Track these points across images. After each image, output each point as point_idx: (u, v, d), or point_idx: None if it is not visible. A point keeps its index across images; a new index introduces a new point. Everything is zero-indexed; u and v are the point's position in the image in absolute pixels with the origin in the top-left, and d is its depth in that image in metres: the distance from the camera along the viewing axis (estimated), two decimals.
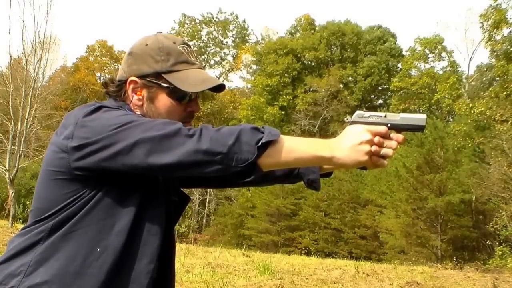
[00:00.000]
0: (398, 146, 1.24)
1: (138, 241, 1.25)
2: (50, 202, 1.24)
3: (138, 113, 1.35)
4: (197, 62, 1.38)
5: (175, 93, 1.33)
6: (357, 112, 1.28)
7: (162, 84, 1.32)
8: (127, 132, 1.16)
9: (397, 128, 1.25)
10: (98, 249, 1.21)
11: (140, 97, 1.35)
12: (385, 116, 1.26)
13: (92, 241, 1.21)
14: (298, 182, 1.64)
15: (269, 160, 1.15)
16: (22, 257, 1.23)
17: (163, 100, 1.33)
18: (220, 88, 1.38)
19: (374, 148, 1.19)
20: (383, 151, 1.21)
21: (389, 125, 1.24)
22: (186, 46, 1.37)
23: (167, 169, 1.16)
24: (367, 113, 1.27)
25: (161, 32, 1.41)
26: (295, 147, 1.17)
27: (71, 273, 1.19)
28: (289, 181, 1.66)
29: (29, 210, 1.39)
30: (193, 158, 1.12)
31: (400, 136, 1.24)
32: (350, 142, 1.19)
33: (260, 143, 1.12)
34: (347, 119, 1.29)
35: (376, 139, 1.20)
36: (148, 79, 1.33)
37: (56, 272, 1.19)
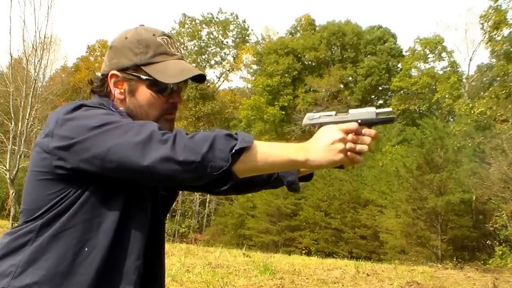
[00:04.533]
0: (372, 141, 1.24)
1: (126, 239, 1.26)
2: (37, 203, 1.25)
3: (122, 108, 1.35)
4: (177, 53, 1.37)
5: (155, 85, 1.32)
6: (308, 115, 1.28)
7: (142, 76, 1.32)
8: (103, 136, 1.16)
9: (367, 123, 1.25)
10: (86, 249, 1.22)
11: (122, 91, 1.35)
12: (336, 114, 1.26)
13: (80, 241, 1.22)
14: (280, 186, 1.62)
15: (244, 166, 1.15)
16: (11, 258, 1.23)
17: (144, 93, 1.33)
18: (199, 78, 1.37)
19: (349, 145, 1.19)
20: (358, 147, 1.20)
21: (359, 121, 1.23)
22: (166, 37, 1.37)
23: (140, 175, 1.15)
24: (317, 114, 1.28)
25: (143, 25, 1.40)
26: (269, 152, 1.17)
27: (60, 273, 1.20)
28: (270, 186, 1.64)
29: None
30: (166, 166, 1.11)
31: (372, 131, 1.24)
32: (323, 143, 1.18)
33: (233, 150, 1.12)
34: (303, 123, 1.29)
35: (350, 136, 1.20)
36: (128, 72, 1.33)
37: (46, 272, 1.20)
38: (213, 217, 33.17)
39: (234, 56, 43.19)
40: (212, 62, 43.33)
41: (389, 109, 1.27)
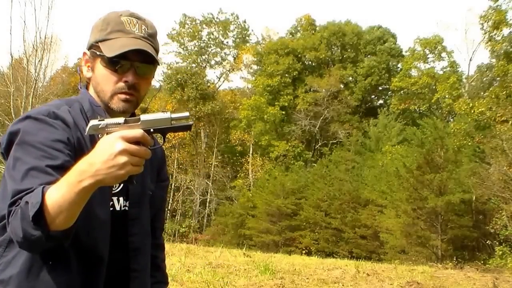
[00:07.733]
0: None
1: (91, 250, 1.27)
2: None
3: (93, 91, 1.39)
4: (138, 33, 1.35)
5: (106, 61, 1.33)
6: (92, 122, 1.10)
7: (98, 52, 1.35)
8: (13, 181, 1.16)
9: (161, 131, 1.12)
10: (51, 262, 1.23)
11: (90, 68, 1.40)
12: (125, 122, 1.09)
13: (45, 255, 1.22)
14: None
15: (54, 221, 1.07)
16: None
17: (99, 69, 1.36)
18: (147, 56, 1.32)
19: (132, 158, 1.06)
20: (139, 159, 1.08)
21: (151, 130, 1.10)
22: (132, 18, 1.38)
23: None
24: (104, 122, 1.09)
25: (132, 12, 1.43)
26: (61, 197, 1.07)
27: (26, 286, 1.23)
28: None
29: None
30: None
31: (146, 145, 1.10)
32: (104, 158, 1.05)
33: (31, 218, 1.06)
34: (86, 132, 1.12)
35: (133, 147, 1.06)
36: (91, 49, 1.38)
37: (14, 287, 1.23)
38: (214, 217, 33.18)
39: (235, 56, 43.16)
40: (213, 62, 43.32)
41: (186, 113, 1.13)
